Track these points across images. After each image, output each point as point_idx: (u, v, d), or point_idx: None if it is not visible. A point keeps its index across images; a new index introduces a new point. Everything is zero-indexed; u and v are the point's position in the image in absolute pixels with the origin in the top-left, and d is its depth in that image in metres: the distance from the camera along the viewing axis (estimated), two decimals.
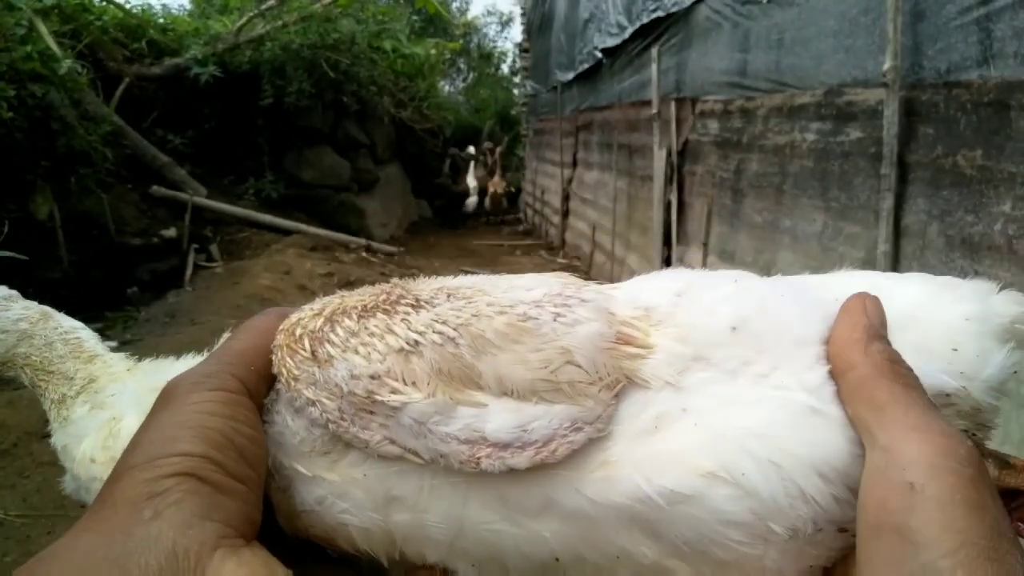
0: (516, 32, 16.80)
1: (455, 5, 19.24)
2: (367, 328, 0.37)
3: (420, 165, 11.01)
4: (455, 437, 0.35)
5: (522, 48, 11.32)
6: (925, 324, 0.38)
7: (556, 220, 8.33)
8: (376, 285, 0.42)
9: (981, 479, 0.29)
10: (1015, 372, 0.37)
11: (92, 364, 1.06)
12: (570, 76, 7.30)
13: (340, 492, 0.37)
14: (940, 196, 1.94)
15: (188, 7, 8.79)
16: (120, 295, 5.34)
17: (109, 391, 1.04)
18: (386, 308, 0.39)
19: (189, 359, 1.06)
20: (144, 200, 6.23)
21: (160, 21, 7.60)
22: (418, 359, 0.36)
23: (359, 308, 0.39)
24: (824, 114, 2.52)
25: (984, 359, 0.37)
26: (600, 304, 0.39)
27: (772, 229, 2.97)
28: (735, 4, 3.23)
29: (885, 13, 2.04)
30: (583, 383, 0.35)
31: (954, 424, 0.33)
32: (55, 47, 5.10)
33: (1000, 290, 0.40)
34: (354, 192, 8.58)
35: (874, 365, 0.34)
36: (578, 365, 0.36)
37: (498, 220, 11.44)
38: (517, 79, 14.42)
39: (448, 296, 0.39)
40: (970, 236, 1.81)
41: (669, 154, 4.11)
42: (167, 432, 0.35)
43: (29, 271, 4.24)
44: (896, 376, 0.34)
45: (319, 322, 0.39)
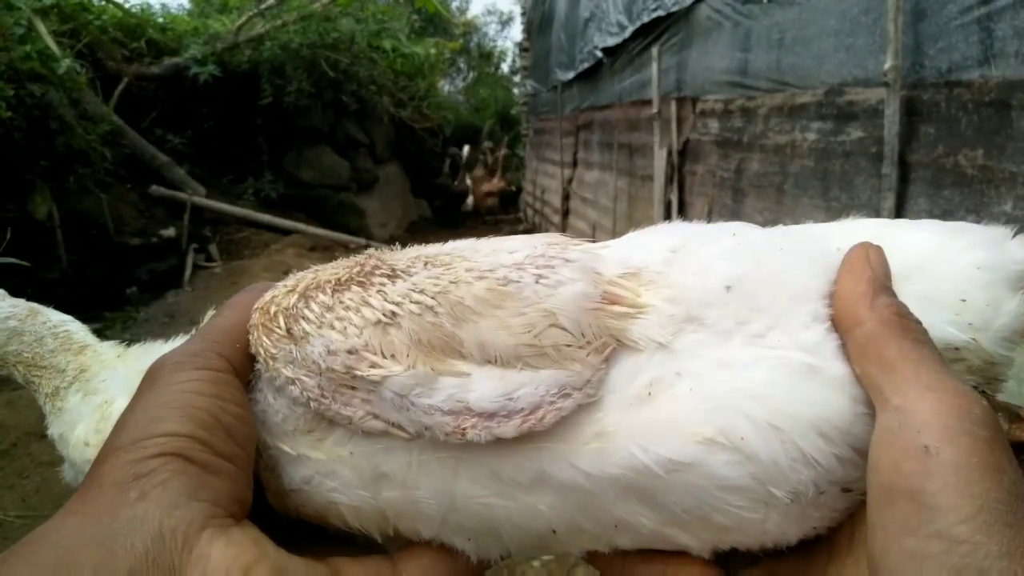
0: (516, 31, 16.81)
1: (455, 4, 19.24)
2: (342, 302, 0.36)
3: (420, 165, 11.01)
4: (439, 408, 0.33)
5: (522, 47, 11.29)
6: (932, 273, 0.37)
7: (556, 220, 8.32)
8: (350, 257, 0.41)
9: (997, 441, 0.28)
10: None
11: (83, 354, 1.07)
12: (570, 75, 7.29)
13: (327, 471, 0.36)
14: (941, 196, 1.93)
15: (187, 6, 8.80)
16: (119, 295, 5.33)
17: (100, 377, 1.05)
18: (360, 280, 0.37)
19: (179, 341, 1.06)
20: (143, 200, 6.23)
21: (159, 20, 7.60)
22: (396, 331, 0.35)
23: (333, 282, 0.38)
24: (825, 114, 2.51)
25: (995, 309, 0.35)
26: (586, 263, 0.37)
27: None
28: (736, 3, 3.23)
29: (886, 12, 2.04)
30: (569, 347, 0.34)
31: (965, 380, 0.32)
32: (54, 46, 5.10)
33: (1016, 235, 0.38)
34: (353, 192, 8.58)
35: (881, 320, 0.33)
36: (563, 328, 0.34)
37: (495, 219, 11.44)
38: (517, 78, 14.42)
39: (425, 264, 0.38)
40: None
41: (670, 154, 4.10)
42: (152, 412, 0.34)
43: (28, 271, 4.24)
44: (905, 331, 0.32)
45: (293, 298, 0.38)
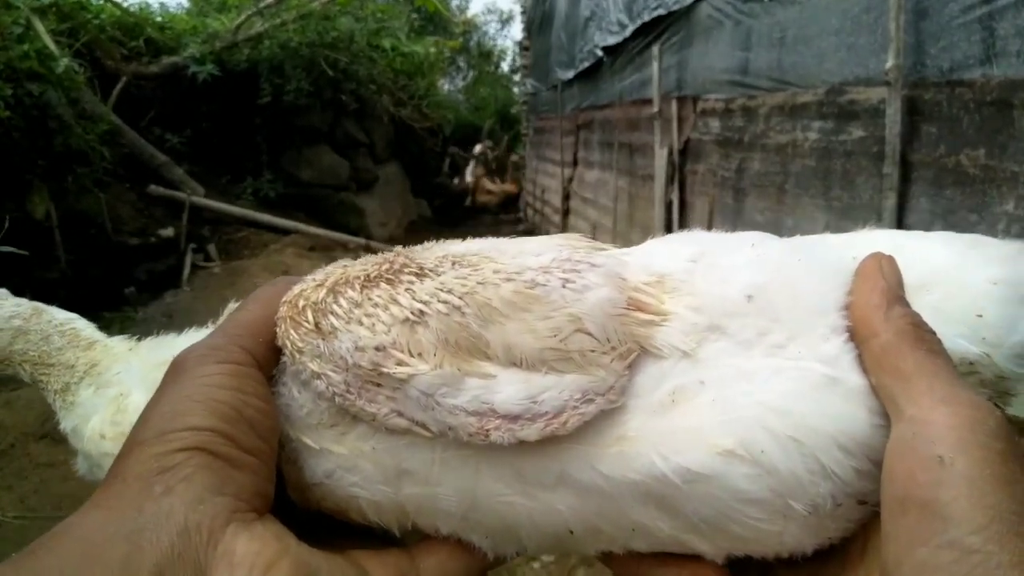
0: (516, 30, 16.80)
1: (455, 3, 19.22)
2: (370, 299, 0.37)
3: (419, 164, 10.99)
4: (463, 409, 0.34)
5: (522, 46, 11.28)
6: (947, 286, 0.37)
7: (556, 219, 8.31)
8: (379, 254, 0.41)
9: (1011, 452, 0.29)
10: None
11: (92, 350, 1.06)
12: (571, 74, 7.28)
13: (349, 465, 0.37)
14: (943, 195, 1.93)
15: (186, 5, 8.78)
16: (118, 295, 5.32)
17: (114, 370, 1.04)
18: (389, 278, 0.38)
19: (192, 334, 1.06)
20: (141, 199, 6.22)
21: (158, 19, 7.58)
22: (423, 329, 0.35)
23: (362, 278, 0.38)
24: (826, 113, 2.51)
25: (1011, 325, 0.35)
26: (611, 269, 0.37)
27: (774, 228, 2.95)
28: (737, 2, 3.22)
29: (887, 11, 2.03)
30: (594, 352, 0.34)
31: (979, 392, 0.32)
32: (52, 45, 5.09)
33: None
34: (353, 191, 8.56)
35: (897, 331, 0.33)
36: (588, 333, 0.35)
37: (496, 219, 11.43)
38: (517, 77, 14.42)
39: (453, 264, 0.38)
40: None
41: (670, 153, 4.09)
42: (176, 406, 0.34)
43: (27, 271, 4.23)
44: (920, 342, 0.33)
45: (322, 293, 0.38)
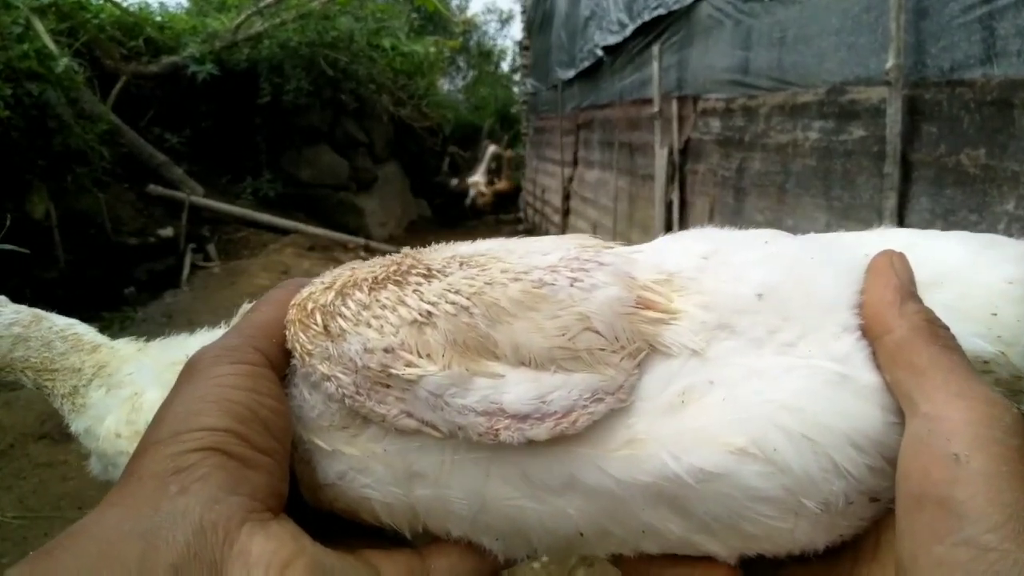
0: (516, 30, 16.77)
1: (455, 2, 19.21)
2: (378, 300, 0.37)
3: (419, 164, 11.00)
4: (472, 409, 0.34)
5: (522, 46, 11.27)
6: (962, 285, 0.37)
7: (556, 219, 8.31)
8: (387, 256, 0.41)
9: None
10: None
11: (97, 353, 1.06)
12: (571, 74, 7.28)
13: (361, 467, 0.37)
14: (943, 195, 1.93)
15: (185, 5, 8.78)
16: (117, 295, 5.32)
17: (125, 371, 1.04)
18: (397, 279, 0.38)
19: (203, 334, 1.06)
20: (141, 199, 6.22)
21: (157, 19, 7.59)
22: (432, 330, 0.35)
23: (370, 280, 0.38)
24: (827, 112, 2.50)
25: None
26: (620, 267, 0.37)
27: (775, 228, 2.95)
28: (737, 2, 3.21)
29: (888, 11, 2.03)
30: (603, 350, 0.34)
31: (995, 389, 0.32)
32: (52, 45, 5.09)
33: None
34: (352, 191, 8.56)
35: (911, 327, 0.33)
36: (597, 331, 0.35)
37: (496, 219, 11.43)
38: (517, 77, 14.41)
39: (461, 264, 0.38)
40: None
41: (671, 153, 4.09)
42: (191, 406, 0.35)
43: (26, 271, 4.22)
44: (935, 337, 0.33)
45: (330, 295, 0.38)
